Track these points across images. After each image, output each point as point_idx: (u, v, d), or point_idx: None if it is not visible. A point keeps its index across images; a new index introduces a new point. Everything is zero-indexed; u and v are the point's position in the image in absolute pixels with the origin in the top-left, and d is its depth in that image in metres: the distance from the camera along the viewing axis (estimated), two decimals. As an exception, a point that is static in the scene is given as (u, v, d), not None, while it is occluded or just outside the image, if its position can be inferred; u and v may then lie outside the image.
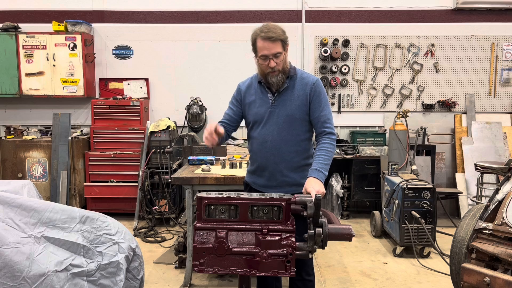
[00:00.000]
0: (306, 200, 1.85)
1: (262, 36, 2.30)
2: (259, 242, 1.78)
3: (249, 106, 2.51)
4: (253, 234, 1.79)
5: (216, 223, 1.81)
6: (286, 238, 1.79)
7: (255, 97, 2.49)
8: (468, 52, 5.79)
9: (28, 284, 2.11)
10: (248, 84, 2.55)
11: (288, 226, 1.80)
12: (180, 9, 5.85)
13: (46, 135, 5.66)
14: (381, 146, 5.46)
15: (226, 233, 1.79)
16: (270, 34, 2.28)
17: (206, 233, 1.80)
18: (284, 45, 2.34)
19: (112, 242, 2.43)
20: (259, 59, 2.36)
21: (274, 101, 2.43)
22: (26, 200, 2.34)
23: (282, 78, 2.38)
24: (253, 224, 1.80)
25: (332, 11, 5.82)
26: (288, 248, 1.78)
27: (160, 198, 5.20)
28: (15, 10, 5.85)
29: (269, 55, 2.31)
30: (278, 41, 2.30)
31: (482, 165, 3.65)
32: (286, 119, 2.42)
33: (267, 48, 2.30)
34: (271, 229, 1.79)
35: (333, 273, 3.85)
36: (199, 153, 4.01)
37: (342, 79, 5.81)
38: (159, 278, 3.70)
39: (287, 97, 2.43)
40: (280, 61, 2.33)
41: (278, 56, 2.32)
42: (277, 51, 2.31)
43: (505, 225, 2.26)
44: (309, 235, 1.79)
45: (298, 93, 2.42)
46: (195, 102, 5.50)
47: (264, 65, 2.35)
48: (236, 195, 1.85)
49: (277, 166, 2.45)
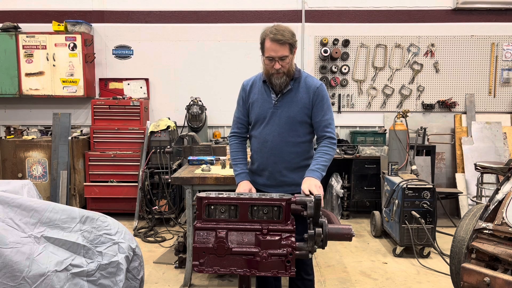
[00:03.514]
0: (306, 200, 1.85)
1: (271, 38, 2.29)
2: (259, 242, 1.78)
3: (252, 105, 2.52)
4: (253, 234, 1.79)
5: (216, 223, 1.81)
6: (286, 238, 1.79)
7: (258, 96, 2.50)
8: (468, 52, 5.79)
9: (28, 284, 2.11)
10: (253, 83, 2.56)
11: (288, 226, 1.80)
12: (180, 9, 5.85)
13: (46, 135, 5.66)
14: (381, 146, 5.46)
15: (226, 233, 1.79)
16: (278, 36, 2.28)
17: (206, 233, 1.80)
18: (291, 49, 2.34)
19: (112, 242, 2.43)
20: (265, 59, 2.36)
21: (277, 102, 2.44)
22: (26, 200, 2.34)
23: (285, 80, 2.39)
24: (253, 224, 1.80)
25: (332, 11, 5.82)
26: (288, 248, 1.78)
27: (160, 198, 5.20)
28: (15, 10, 5.85)
29: (275, 57, 2.31)
30: (286, 44, 2.30)
31: (482, 165, 3.65)
32: (288, 121, 2.43)
33: (274, 50, 2.30)
34: (271, 229, 1.79)
35: (333, 273, 3.85)
36: (199, 153, 4.01)
37: (342, 79, 5.81)
38: (159, 278, 3.70)
39: (290, 99, 2.43)
40: (285, 64, 2.33)
41: (284, 59, 2.32)
42: (284, 54, 2.31)
43: (505, 225, 2.26)
44: (309, 235, 1.80)
45: (301, 96, 2.43)
46: (195, 102, 5.50)
47: (269, 65, 2.35)
48: (236, 195, 1.85)
49: (277, 166, 2.47)
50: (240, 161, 2.56)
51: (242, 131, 2.61)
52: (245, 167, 2.55)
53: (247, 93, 2.55)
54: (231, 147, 2.62)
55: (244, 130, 2.61)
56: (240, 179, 2.50)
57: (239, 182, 2.49)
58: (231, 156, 2.62)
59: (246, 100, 2.56)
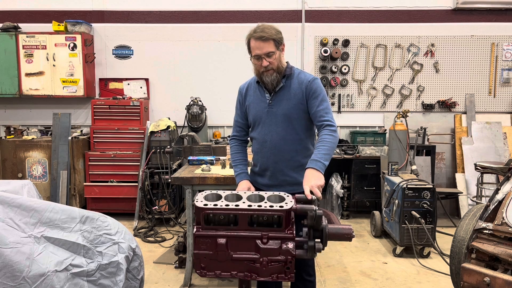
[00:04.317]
0: (307, 209, 1.83)
1: (254, 36, 2.34)
2: (258, 249, 1.79)
3: (249, 107, 2.55)
4: (253, 241, 1.78)
5: (215, 230, 1.80)
6: (286, 245, 1.78)
7: (253, 97, 2.53)
8: (468, 52, 5.79)
9: (28, 284, 2.11)
10: (248, 86, 2.59)
11: (288, 234, 1.78)
12: (180, 9, 5.85)
13: (46, 135, 5.66)
14: (381, 146, 5.46)
15: (226, 240, 1.79)
16: (261, 34, 2.32)
17: (206, 240, 1.80)
18: (277, 45, 2.36)
19: (112, 242, 2.43)
20: (252, 59, 2.40)
21: (271, 101, 2.45)
22: (26, 200, 2.34)
23: (276, 77, 2.40)
24: (253, 232, 1.79)
25: (332, 11, 5.82)
26: (288, 257, 1.78)
27: (160, 198, 5.20)
28: (15, 10, 5.85)
29: (261, 55, 2.34)
30: (270, 41, 2.33)
31: (482, 165, 3.65)
32: (284, 118, 2.43)
33: (258, 48, 2.34)
34: (271, 236, 1.78)
35: (333, 273, 3.85)
36: (199, 153, 4.01)
37: (342, 79, 5.81)
38: (159, 278, 3.70)
39: (284, 96, 2.44)
40: (273, 60, 2.36)
41: (270, 56, 2.35)
42: (269, 50, 2.34)
43: (505, 225, 2.26)
44: (309, 246, 1.81)
45: (295, 91, 2.43)
46: (195, 102, 5.50)
47: (258, 64, 2.39)
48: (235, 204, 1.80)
49: (278, 165, 2.46)
50: (239, 162, 2.60)
51: (241, 134, 2.66)
52: (244, 168, 2.58)
53: (243, 96, 2.59)
54: (231, 150, 2.68)
55: (243, 133, 2.66)
56: (240, 179, 2.53)
57: (238, 182, 2.53)
58: (231, 158, 2.68)
59: (243, 103, 2.59)
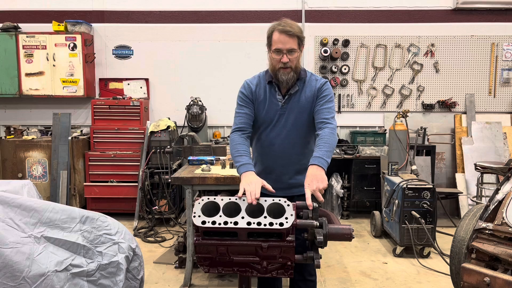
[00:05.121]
0: (308, 226, 1.82)
1: (280, 29, 2.22)
2: (258, 254, 1.80)
3: (258, 106, 2.41)
4: (253, 247, 1.79)
5: (215, 240, 1.81)
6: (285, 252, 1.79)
7: (263, 97, 2.39)
8: (468, 52, 5.79)
9: (28, 284, 2.11)
10: (257, 83, 2.43)
11: (288, 244, 1.78)
12: (180, 9, 5.85)
13: (46, 135, 5.66)
14: (381, 146, 5.46)
15: (226, 248, 1.79)
16: (288, 28, 2.21)
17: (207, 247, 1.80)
18: (300, 43, 2.27)
19: (112, 242, 2.43)
20: (272, 53, 2.27)
21: (284, 104, 2.36)
22: (26, 200, 2.34)
23: (293, 77, 2.29)
24: (253, 241, 1.79)
25: (332, 11, 5.82)
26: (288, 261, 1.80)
27: (160, 198, 5.20)
28: (15, 10, 5.85)
29: (283, 49, 2.22)
30: (295, 37, 2.23)
31: (482, 165, 3.65)
32: (295, 123, 2.36)
33: (282, 42, 2.21)
34: (271, 245, 1.78)
35: (333, 273, 3.85)
36: (199, 153, 4.01)
37: (342, 79, 5.81)
38: (159, 278, 3.70)
39: (297, 100, 2.36)
40: (293, 58, 2.25)
41: (292, 53, 2.24)
42: (292, 46, 2.23)
43: (505, 225, 2.26)
44: (308, 256, 1.83)
45: (306, 95, 2.36)
46: (195, 102, 5.50)
47: (276, 59, 2.25)
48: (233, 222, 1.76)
49: (285, 168, 2.41)
50: (244, 153, 2.25)
51: (246, 127, 2.38)
52: (250, 160, 2.25)
53: (253, 91, 2.40)
54: (233, 141, 2.32)
55: (247, 126, 2.38)
56: (246, 169, 2.15)
57: (243, 173, 2.14)
58: (232, 149, 2.30)
59: (253, 100, 2.40)
